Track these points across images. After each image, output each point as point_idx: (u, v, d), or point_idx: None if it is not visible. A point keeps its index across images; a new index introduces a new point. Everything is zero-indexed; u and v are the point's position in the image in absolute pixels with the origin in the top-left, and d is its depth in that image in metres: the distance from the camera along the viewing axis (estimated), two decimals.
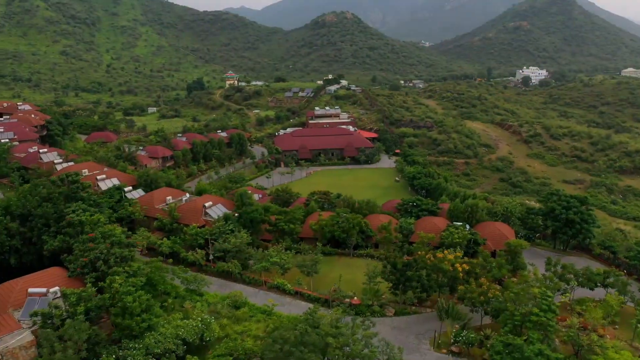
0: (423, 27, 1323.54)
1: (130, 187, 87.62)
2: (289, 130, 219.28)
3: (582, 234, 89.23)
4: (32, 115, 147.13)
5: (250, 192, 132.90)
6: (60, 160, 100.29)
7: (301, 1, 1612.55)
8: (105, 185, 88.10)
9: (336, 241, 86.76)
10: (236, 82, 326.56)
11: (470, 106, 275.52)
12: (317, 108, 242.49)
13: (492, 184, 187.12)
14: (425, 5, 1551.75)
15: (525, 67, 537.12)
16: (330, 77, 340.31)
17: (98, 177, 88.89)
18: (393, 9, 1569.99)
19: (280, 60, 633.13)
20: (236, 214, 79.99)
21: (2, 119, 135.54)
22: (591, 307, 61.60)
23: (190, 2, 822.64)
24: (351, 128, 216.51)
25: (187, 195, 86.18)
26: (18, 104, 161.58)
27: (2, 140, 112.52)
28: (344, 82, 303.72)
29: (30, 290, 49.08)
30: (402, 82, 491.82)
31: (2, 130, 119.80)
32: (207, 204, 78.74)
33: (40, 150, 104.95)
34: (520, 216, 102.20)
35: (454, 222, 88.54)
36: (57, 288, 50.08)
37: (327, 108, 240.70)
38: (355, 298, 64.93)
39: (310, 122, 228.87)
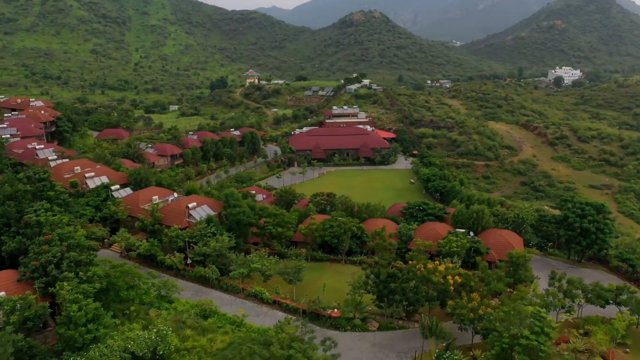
0: (455, 27, 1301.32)
1: (118, 186, 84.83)
2: (305, 129, 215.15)
3: (598, 244, 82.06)
4: (42, 112, 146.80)
5: (254, 192, 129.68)
6: (55, 156, 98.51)
7: (332, 1, 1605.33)
8: (93, 183, 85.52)
9: (329, 246, 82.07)
10: (256, 80, 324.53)
11: (495, 106, 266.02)
12: (334, 107, 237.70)
13: (513, 187, 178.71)
14: (458, 4, 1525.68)
15: (558, 67, 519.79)
16: (354, 75, 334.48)
17: (86, 175, 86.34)
18: (425, 8, 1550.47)
19: (306, 60, 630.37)
20: (217, 216, 76.11)
21: (9, 114, 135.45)
22: (593, 328, 55.07)
23: (219, 2, 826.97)
24: (369, 128, 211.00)
25: (175, 195, 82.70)
26: (31, 99, 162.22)
27: (3, 136, 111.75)
28: (365, 81, 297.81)
29: None
30: (428, 81, 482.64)
31: (5, 126, 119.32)
32: (190, 205, 74.96)
33: (37, 147, 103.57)
34: (535, 223, 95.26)
35: (457, 229, 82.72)
36: (2, 293, 46.94)
37: (344, 107, 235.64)
38: (336, 310, 60.04)
39: (327, 121, 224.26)
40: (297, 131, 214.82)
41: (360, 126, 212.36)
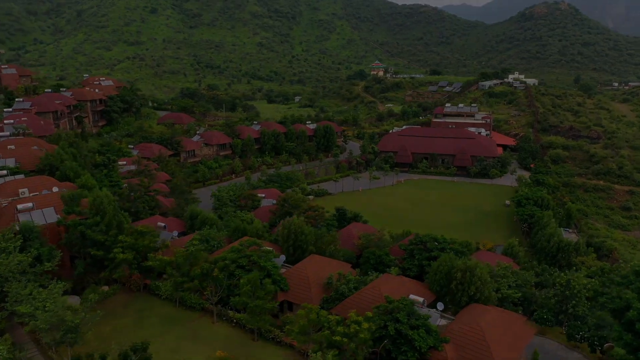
0: None
1: (6, 172, 68.72)
2: (404, 127, 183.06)
3: None
4: (96, 90, 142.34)
5: (263, 195, 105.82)
6: (7, 134, 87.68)
7: None
8: None
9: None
10: (382, 72, 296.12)
11: None
12: (447, 105, 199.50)
13: None
14: None
15: None
16: (505, 71, 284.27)
17: None
18: None
19: (473, 56, 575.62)
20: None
21: (49, 90, 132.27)
22: None
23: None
24: (483, 132, 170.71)
25: (55, 189, 63.50)
26: (101, 78, 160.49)
27: (5, 110, 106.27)
28: (510, 77, 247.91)
29: None
30: (615, 84, 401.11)
31: (22, 100, 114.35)
32: (20, 207, 54.74)
33: (5, 122, 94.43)
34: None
35: (412, 295, 49.23)
36: None
37: (460, 105, 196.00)
38: None
39: (434, 120, 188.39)
40: (395, 129, 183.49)
41: (472, 129, 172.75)
